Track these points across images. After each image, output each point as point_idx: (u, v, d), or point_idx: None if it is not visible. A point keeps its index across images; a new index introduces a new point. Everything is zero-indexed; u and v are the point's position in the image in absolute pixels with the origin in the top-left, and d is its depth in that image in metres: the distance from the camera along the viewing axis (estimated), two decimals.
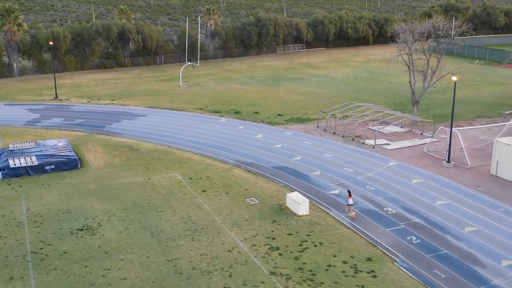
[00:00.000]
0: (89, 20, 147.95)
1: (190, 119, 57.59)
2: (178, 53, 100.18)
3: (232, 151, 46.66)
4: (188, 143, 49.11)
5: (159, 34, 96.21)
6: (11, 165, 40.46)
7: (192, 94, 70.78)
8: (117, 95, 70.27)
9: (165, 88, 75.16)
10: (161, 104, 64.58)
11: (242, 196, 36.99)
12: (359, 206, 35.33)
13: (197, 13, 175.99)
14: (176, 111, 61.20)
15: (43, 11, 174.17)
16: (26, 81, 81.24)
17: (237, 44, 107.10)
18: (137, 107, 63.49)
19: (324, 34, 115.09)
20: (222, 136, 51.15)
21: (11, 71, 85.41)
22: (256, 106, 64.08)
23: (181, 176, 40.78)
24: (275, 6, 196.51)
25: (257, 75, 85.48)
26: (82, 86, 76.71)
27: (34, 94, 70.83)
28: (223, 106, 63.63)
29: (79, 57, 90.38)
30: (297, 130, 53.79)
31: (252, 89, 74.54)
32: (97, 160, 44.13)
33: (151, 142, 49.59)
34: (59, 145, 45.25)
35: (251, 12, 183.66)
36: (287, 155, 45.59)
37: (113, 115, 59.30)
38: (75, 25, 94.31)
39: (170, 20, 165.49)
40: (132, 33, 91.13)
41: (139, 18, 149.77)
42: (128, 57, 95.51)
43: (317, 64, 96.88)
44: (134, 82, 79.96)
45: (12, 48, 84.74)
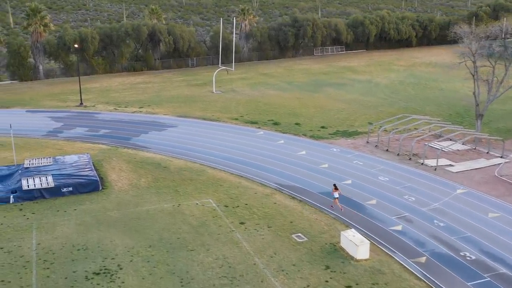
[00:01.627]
0: (120, 20, 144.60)
1: (224, 131, 52.21)
2: (210, 55, 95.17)
3: (273, 172, 41.07)
4: (223, 160, 43.73)
5: (191, 35, 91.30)
6: (24, 186, 35.70)
7: (226, 101, 65.46)
8: (146, 101, 65.41)
9: (197, 94, 70.05)
10: (193, 113, 59.38)
11: (287, 231, 31.36)
12: (429, 249, 29.34)
13: (230, 12, 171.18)
14: (209, 122, 55.90)
15: (75, 10, 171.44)
16: (52, 85, 77.21)
17: (273, 45, 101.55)
18: (166, 116, 58.42)
19: (364, 35, 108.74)
20: (261, 152, 45.60)
21: (37, 73, 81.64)
22: (296, 116, 58.36)
23: (216, 202, 35.37)
24: (309, 5, 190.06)
25: (295, 80, 79.73)
26: (109, 91, 72.18)
27: (58, 100, 66.52)
28: (260, 116, 58.10)
29: (108, 59, 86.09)
30: (344, 146, 47.88)
31: (291, 96, 68.84)
32: (121, 181, 39.04)
33: (182, 158, 44.37)
34: (79, 162, 40.35)
35: (284, 11, 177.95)
36: (335, 178, 39.73)
37: (141, 125, 54.35)
38: (104, 26, 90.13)
39: (202, 19, 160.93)
40: (163, 34, 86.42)
41: (170, 17, 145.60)
42: (159, 59, 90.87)
43: (358, 67, 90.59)
44: (164, 87, 75.09)
45: (38, 49, 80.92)
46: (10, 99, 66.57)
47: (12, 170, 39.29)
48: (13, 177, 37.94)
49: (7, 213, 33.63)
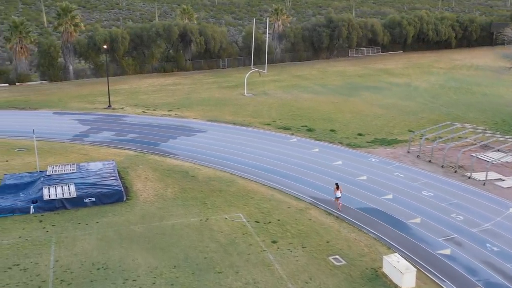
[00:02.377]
0: (152, 19, 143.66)
1: (256, 137, 49.77)
2: (242, 56, 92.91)
3: (307, 183, 38.43)
4: (254, 169, 41.29)
5: (222, 35, 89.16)
6: (45, 196, 33.93)
7: (257, 105, 63.02)
8: (175, 104, 63.46)
9: (228, 97, 67.81)
10: (223, 117, 57.12)
11: (323, 253, 28.73)
12: (483, 277, 26.33)
13: (262, 12, 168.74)
14: (240, 127, 53.54)
15: (108, 9, 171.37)
16: (81, 86, 76.06)
17: (306, 46, 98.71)
18: (196, 120, 56.31)
19: (401, 36, 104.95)
20: (294, 161, 42.98)
21: (66, 74, 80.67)
22: (331, 121, 55.55)
23: (246, 217, 32.94)
24: (343, 5, 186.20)
25: (329, 83, 76.80)
26: (138, 93, 70.53)
27: (86, 102, 65.12)
28: (294, 121, 55.46)
29: (138, 60, 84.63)
30: (383, 155, 44.89)
31: (325, 99, 66.00)
32: (146, 190, 36.97)
33: (211, 166, 42.10)
34: (103, 170, 38.44)
35: (318, 11, 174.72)
36: (375, 192, 36.91)
37: (169, 130, 52.34)
38: (135, 26, 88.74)
39: (235, 19, 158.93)
40: (194, 35, 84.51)
41: (202, 17, 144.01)
42: (189, 60, 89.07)
43: (395, 70, 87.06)
44: (195, 89, 73.10)
45: (69, 49, 79.90)
46: (38, 100, 65.51)
47: (35, 177, 37.62)
48: (35, 185, 36.25)
49: (26, 224, 31.87)
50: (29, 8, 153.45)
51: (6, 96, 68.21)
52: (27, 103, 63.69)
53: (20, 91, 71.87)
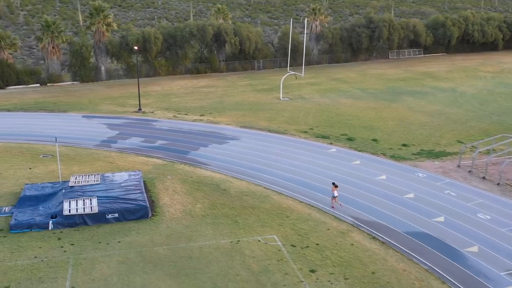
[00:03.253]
0: (187, 18, 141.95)
1: (292, 147, 46.59)
2: (278, 57, 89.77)
3: (349, 201, 35.08)
4: (290, 183, 38.16)
5: (258, 36, 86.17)
6: (65, 211, 31.53)
7: (294, 110, 59.81)
8: (207, 108, 60.78)
9: (262, 101, 64.80)
10: (258, 123, 54.12)
11: (368, 286, 25.42)
12: None
13: (299, 11, 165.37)
14: (275, 134, 50.43)
15: (143, 8, 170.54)
16: (112, 87, 74.19)
17: (345, 48, 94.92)
18: (229, 126, 53.46)
19: (445, 37, 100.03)
20: (334, 175, 39.62)
21: (98, 74, 79.00)
22: (372, 130, 51.95)
23: (281, 240, 29.86)
24: (381, 4, 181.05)
25: (369, 87, 73.00)
26: (170, 95, 68.15)
27: (117, 104, 63.04)
28: (332, 129, 52.08)
29: (171, 61, 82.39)
30: (431, 170, 41.14)
31: (366, 105, 62.33)
32: (173, 205, 34.24)
33: (243, 178, 39.15)
34: (129, 182, 35.88)
35: (355, 10, 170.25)
36: (424, 213, 33.33)
37: (200, 136, 49.63)
38: (168, 26, 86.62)
39: (270, 18, 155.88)
40: (229, 35, 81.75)
41: (238, 16, 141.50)
42: (223, 61, 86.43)
43: (439, 73, 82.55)
44: (228, 92, 70.33)
45: (101, 49, 78.20)
46: (68, 102, 63.79)
47: (56, 188, 35.36)
48: (56, 197, 33.95)
49: (43, 242, 29.50)
50: (66, 7, 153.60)
51: (36, 97, 66.77)
52: (56, 105, 62.02)
53: (51, 92, 70.43)
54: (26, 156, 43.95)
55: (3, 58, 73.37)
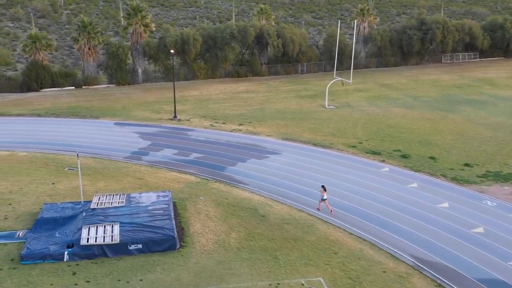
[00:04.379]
0: (229, 18, 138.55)
1: (339, 164, 41.94)
2: (323, 60, 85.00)
3: (406, 235, 30.29)
4: (338, 209, 33.59)
5: (302, 38, 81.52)
6: (82, 239, 27.88)
7: (340, 120, 55.06)
8: (247, 116, 56.67)
9: (306, 109, 60.26)
10: (301, 135, 49.64)
11: None
12: None
13: (343, 11, 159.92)
14: (320, 149, 45.82)
15: (186, 7, 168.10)
16: (148, 91, 70.95)
17: (394, 51, 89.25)
18: (270, 137, 49.16)
19: (504, 40, 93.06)
20: (387, 200, 34.87)
21: (135, 77, 76.03)
22: (429, 145, 46.75)
23: (328, 284, 25.37)
24: (429, 3, 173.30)
25: (422, 94, 67.46)
26: (208, 101, 64.36)
27: (152, 110, 59.62)
28: (384, 144, 47.12)
29: (210, 64, 78.66)
30: (501, 197, 35.82)
31: (419, 115, 57.01)
32: (205, 234, 30.19)
33: (285, 202, 34.83)
34: (157, 205, 32.01)
35: (402, 10, 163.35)
36: (498, 254, 28.25)
37: (238, 149, 45.53)
38: (208, 27, 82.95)
39: (314, 18, 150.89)
40: (272, 37, 77.43)
41: (281, 16, 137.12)
42: (265, 64, 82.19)
43: (498, 80, 76.15)
44: (269, 98, 66.06)
45: (138, 51, 75.16)
46: (101, 107, 60.79)
47: (77, 210, 31.83)
48: (75, 222, 30.38)
49: (56, 277, 25.86)
50: (108, 6, 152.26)
51: (69, 101, 64.10)
52: (89, 110, 59.07)
53: (85, 96, 67.73)
54: (50, 169, 40.81)
55: (38, 59, 71.11)
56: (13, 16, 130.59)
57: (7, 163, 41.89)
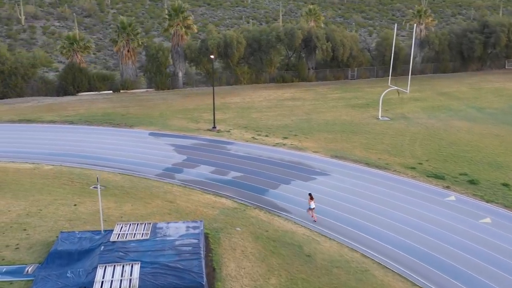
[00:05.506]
0: (276, 18, 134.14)
1: (397, 190, 36.65)
2: (375, 65, 79.26)
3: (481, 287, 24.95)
4: (397, 250, 28.48)
5: (353, 41, 76.01)
6: (96, 283, 23.79)
7: (396, 135, 49.61)
8: (292, 128, 51.91)
9: (357, 120, 55.01)
10: (352, 152, 44.51)
11: None
12: None
13: (394, 11, 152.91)
14: (374, 170, 40.57)
15: (232, 7, 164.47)
16: (188, 97, 67.05)
17: (453, 56, 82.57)
18: (317, 154, 44.23)
19: None
20: (456, 240, 29.46)
21: (175, 81, 72.38)
22: (500, 168, 40.83)
23: None
24: (486, 3, 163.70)
25: (487, 105, 61.10)
26: (250, 109, 59.90)
27: (190, 119, 55.62)
28: (447, 165, 41.46)
29: (254, 68, 74.20)
30: None
31: (486, 130, 50.93)
32: (240, 278, 25.64)
33: (334, 237, 29.96)
34: (185, 240, 27.62)
35: (457, 10, 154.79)
36: None
37: (282, 168, 40.83)
38: (253, 29, 78.37)
39: (364, 19, 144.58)
40: (320, 40, 72.31)
41: (329, 16, 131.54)
42: (313, 69, 77.12)
43: None
44: (317, 107, 61.05)
45: (178, 54, 71.42)
46: (137, 115, 57.21)
47: (95, 242, 27.83)
48: (91, 257, 26.37)
49: None
50: (155, 5, 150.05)
51: (105, 107, 60.86)
52: (124, 118, 55.58)
53: (122, 101, 64.40)
54: (75, 186, 37.19)
55: (76, 61, 68.31)
56: (60, 15, 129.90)
57: (29, 179, 38.59)
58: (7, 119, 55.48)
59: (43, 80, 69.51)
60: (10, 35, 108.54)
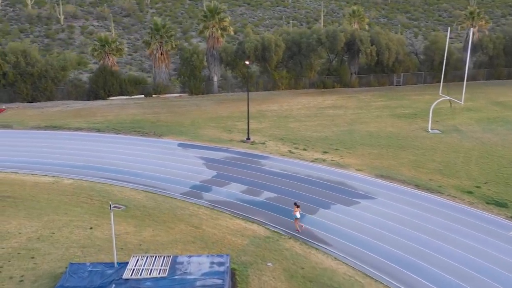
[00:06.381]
0: (318, 18, 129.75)
1: (453, 219, 32.08)
2: (423, 71, 74.08)
3: None
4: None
5: (400, 45, 71.06)
6: None
7: (448, 151, 44.83)
8: (333, 141, 47.72)
9: (404, 132, 50.42)
10: (399, 171, 40.04)
11: None
12: None
13: (441, 11, 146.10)
14: (425, 193, 36.02)
15: (273, 6, 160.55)
16: (223, 103, 63.54)
17: (509, 61, 76.60)
18: (360, 173, 39.95)
19: None
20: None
21: (210, 86, 69.04)
22: None
23: None
24: None
25: None
26: (288, 118, 55.93)
27: (223, 128, 52.07)
28: (509, 190, 36.56)
29: (293, 72, 70.14)
30: None
31: None
32: None
33: (382, 280, 25.75)
34: (208, 280, 24.02)
35: (507, 11, 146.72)
36: None
37: (321, 189, 36.77)
38: (293, 31, 74.20)
39: (409, 20, 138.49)
40: (365, 44, 67.73)
41: (372, 17, 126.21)
42: (355, 74, 72.54)
43: None
44: (360, 116, 56.62)
45: (214, 57, 68.03)
46: (168, 123, 54.03)
47: (106, 279, 24.46)
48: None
49: None
50: (194, 5, 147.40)
51: (134, 113, 57.93)
52: (153, 126, 52.47)
53: (153, 106, 61.39)
54: (94, 205, 34.10)
55: (108, 64, 65.72)
56: (99, 14, 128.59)
57: (47, 194, 35.73)
58: (34, 124, 53.17)
59: (74, 83, 67.23)
60: (48, 35, 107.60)
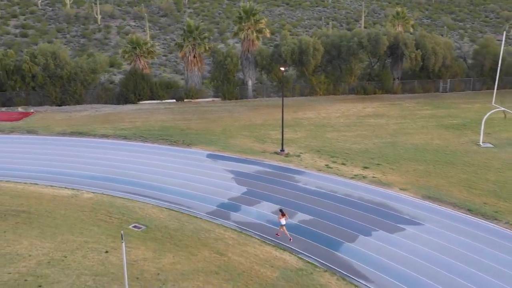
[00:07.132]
0: (358, 19, 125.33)
1: (510, 252, 28.10)
2: (471, 77, 69.21)
3: None
4: None
5: (447, 49, 66.38)
6: None
7: (503, 169, 40.49)
8: (374, 154, 43.91)
9: (453, 146, 46.20)
10: (449, 192, 36.02)
11: None
12: None
13: (488, 12, 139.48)
14: (478, 220, 31.96)
15: (312, 7, 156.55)
16: (257, 109, 60.28)
17: None
18: (405, 193, 36.11)
19: None
20: None
21: (244, 91, 65.93)
22: None
23: None
24: None
25: None
26: (325, 127, 52.32)
27: (255, 138, 48.84)
28: None
29: (332, 77, 66.31)
30: None
31: None
32: None
33: None
34: None
35: None
36: None
37: (360, 211, 33.16)
38: (333, 33, 70.31)
39: (454, 21, 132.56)
40: (409, 47, 63.36)
41: (416, 17, 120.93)
42: (398, 80, 68.24)
43: None
44: (404, 127, 52.54)
45: (249, 61, 64.88)
46: (198, 130, 51.19)
47: None
48: None
49: None
50: (233, 5, 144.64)
51: (164, 119, 55.28)
52: (182, 134, 49.68)
53: (184, 112, 58.62)
54: (112, 224, 31.44)
55: (138, 67, 63.36)
56: (136, 14, 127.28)
57: (64, 210, 33.30)
58: (59, 130, 51.14)
59: (104, 87, 65.15)
60: (85, 35, 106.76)
